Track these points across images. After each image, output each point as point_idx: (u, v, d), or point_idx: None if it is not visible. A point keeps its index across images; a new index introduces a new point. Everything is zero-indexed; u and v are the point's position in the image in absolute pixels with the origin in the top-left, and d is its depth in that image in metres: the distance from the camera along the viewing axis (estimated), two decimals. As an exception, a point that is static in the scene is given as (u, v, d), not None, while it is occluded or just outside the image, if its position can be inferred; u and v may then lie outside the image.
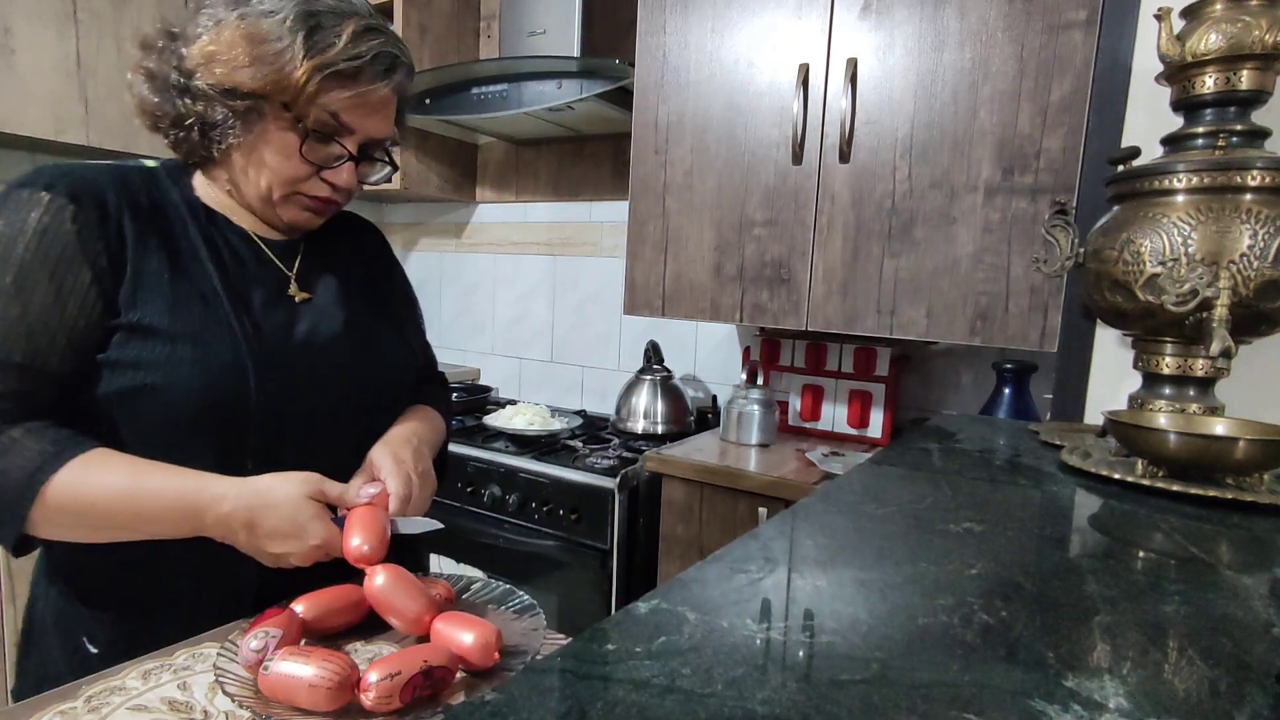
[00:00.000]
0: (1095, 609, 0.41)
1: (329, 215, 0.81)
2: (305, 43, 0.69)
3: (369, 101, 0.74)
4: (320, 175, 0.75)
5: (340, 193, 0.78)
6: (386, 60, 0.73)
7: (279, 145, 0.72)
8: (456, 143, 2.46)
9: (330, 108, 0.72)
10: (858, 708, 0.30)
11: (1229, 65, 0.72)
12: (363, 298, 0.85)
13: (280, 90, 0.70)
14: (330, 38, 0.70)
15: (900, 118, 1.44)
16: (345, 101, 0.72)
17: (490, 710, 0.29)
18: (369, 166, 0.80)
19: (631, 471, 1.65)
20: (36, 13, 1.66)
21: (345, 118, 0.73)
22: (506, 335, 2.58)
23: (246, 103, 0.70)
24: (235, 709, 0.54)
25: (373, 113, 0.75)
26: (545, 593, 1.69)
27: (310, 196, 0.76)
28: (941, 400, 1.83)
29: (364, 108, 0.74)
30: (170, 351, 0.67)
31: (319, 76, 0.69)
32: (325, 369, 0.77)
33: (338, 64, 0.70)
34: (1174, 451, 0.65)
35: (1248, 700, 0.32)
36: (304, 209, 0.78)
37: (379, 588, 0.62)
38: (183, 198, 0.75)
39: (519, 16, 2.04)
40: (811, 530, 0.54)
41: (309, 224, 0.80)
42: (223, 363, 0.69)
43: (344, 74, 0.71)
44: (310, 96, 0.70)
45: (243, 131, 0.72)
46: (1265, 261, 0.67)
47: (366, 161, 0.79)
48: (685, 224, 1.72)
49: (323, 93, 0.71)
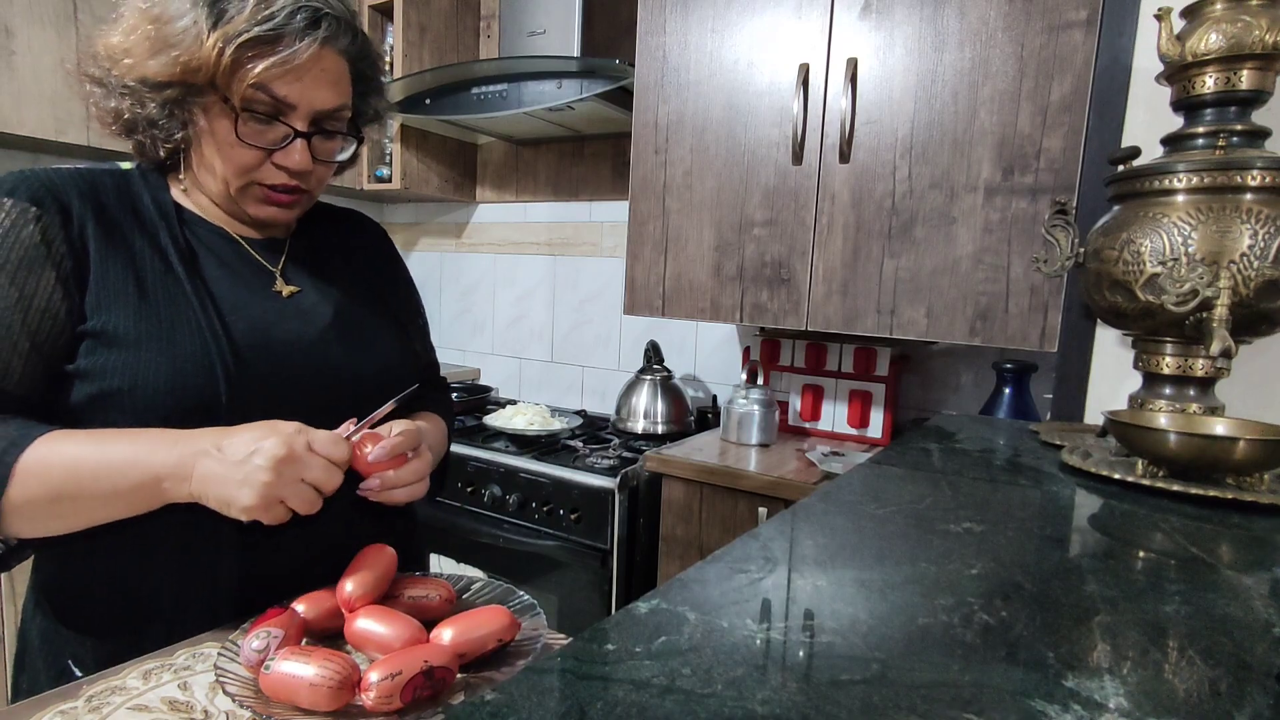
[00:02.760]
0: (1095, 609, 0.41)
1: (301, 206, 0.77)
2: (210, 13, 0.63)
3: (299, 66, 0.66)
4: (271, 160, 0.70)
5: (300, 177, 0.72)
6: (307, 15, 0.66)
7: (218, 133, 0.68)
8: (456, 143, 2.46)
9: (255, 81, 0.65)
10: (858, 708, 0.30)
11: (1229, 65, 0.72)
12: (356, 292, 0.82)
13: (194, 72, 0.64)
14: (235, 3, 0.64)
15: (900, 118, 1.44)
16: (269, 72, 0.65)
17: (490, 710, 0.29)
18: (328, 142, 0.74)
19: (631, 471, 1.65)
20: (36, 13, 1.66)
21: (279, 91, 0.67)
22: (506, 335, 2.58)
23: (169, 92, 0.66)
24: (236, 709, 0.54)
25: (311, 80, 0.68)
26: (545, 593, 1.69)
27: (269, 186, 0.72)
28: (941, 400, 1.83)
29: (294, 74, 0.67)
30: (135, 356, 0.65)
31: (231, 48, 0.63)
32: (309, 367, 0.73)
33: (249, 30, 0.63)
34: (1174, 451, 0.65)
35: (1248, 700, 0.32)
36: (267, 201, 0.73)
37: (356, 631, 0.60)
38: (154, 200, 0.72)
39: (519, 16, 2.04)
40: (811, 530, 0.54)
41: (280, 218, 0.76)
42: (190, 364, 0.66)
43: (260, 40, 0.64)
44: (229, 72, 0.64)
45: (183, 125, 0.68)
46: (1265, 261, 0.67)
47: (322, 137, 0.72)
48: (685, 224, 1.72)
49: (241, 66, 0.64)
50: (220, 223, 0.76)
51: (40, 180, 0.67)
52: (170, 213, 0.73)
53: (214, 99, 0.67)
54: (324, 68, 0.69)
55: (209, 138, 0.69)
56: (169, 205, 0.73)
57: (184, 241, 0.72)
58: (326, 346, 0.75)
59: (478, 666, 0.61)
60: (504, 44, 2.08)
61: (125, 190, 0.72)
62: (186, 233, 0.73)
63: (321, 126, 0.72)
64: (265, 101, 0.67)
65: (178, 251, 0.71)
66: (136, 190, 0.73)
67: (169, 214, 0.72)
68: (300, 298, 0.77)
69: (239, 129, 0.67)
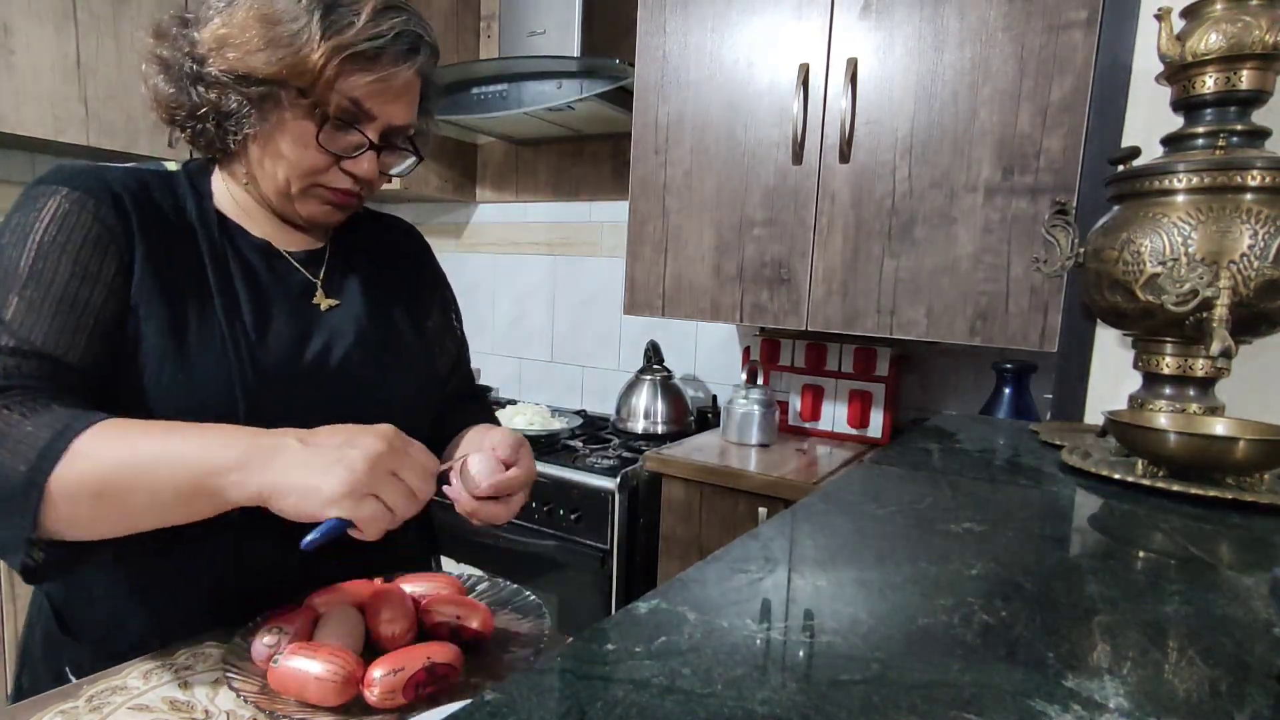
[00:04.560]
0: (1095, 609, 0.41)
1: (351, 210, 0.78)
2: (322, 22, 0.65)
3: (391, 86, 0.70)
4: (340, 165, 0.71)
5: (362, 184, 0.74)
6: (409, 40, 0.69)
7: (296, 134, 0.69)
8: (456, 143, 2.46)
9: (350, 93, 0.68)
10: (858, 708, 0.30)
11: (1229, 65, 0.72)
12: (390, 305, 0.81)
13: (296, 75, 0.66)
14: (348, 16, 0.66)
15: (900, 118, 1.44)
16: (366, 86, 0.68)
17: (490, 710, 0.29)
18: (392, 156, 0.76)
19: (631, 471, 1.65)
20: (36, 12, 1.66)
21: (366, 104, 0.69)
22: (506, 335, 2.58)
23: (262, 89, 0.67)
24: (236, 708, 0.54)
25: (395, 98, 0.71)
26: (545, 593, 1.69)
27: (330, 189, 0.73)
28: (941, 400, 1.82)
29: (386, 93, 0.70)
30: (157, 368, 0.65)
31: (337, 59, 0.65)
32: (338, 384, 0.73)
33: (357, 45, 0.66)
34: (1174, 451, 0.65)
35: (1248, 700, 0.32)
36: (324, 202, 0.74)
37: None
38: (198, 208, 0.72)
39: (519, 16, 2.04)
40: (811, 530, 0.54)
41: (329, 219, 0.76)
42: (209, 383, 0.66)
43: (364, 55, 0.67)
44: (329, 81, 0.66)
45: (259, 120, 0.68)
46: (1265, 261, 0.67)
47: (389, 150, 0.75)
48: (685, 224, 1.72)
49: (342, 77, 0.67)
50: (263, 233, 0.75)
51: (95, 174, 0.67)
52: (212, 222, 0.72)
53: (298, 100, 0.67)
54: (408, 88, 0.72)
55: (283, 135, 0.69)
56: (212, 214, 0.73)
57: (222, 254, 0.71)
58: (354, 364, 0.75)
59: (478, 666, 0.61)
60: (504, 44, 2.08)
61: (170, 193, 0.71)
62: (226, 245, 0.72)
63: (389, 140, 0.74)
64: (351, 111, 0.69)
65: (214, 266, 0.70)
66: (181, 195, 0.72)
67: (210, 223, 0.72)
68: (336, 311, 0.76)
69: (320, 135, 0.69)
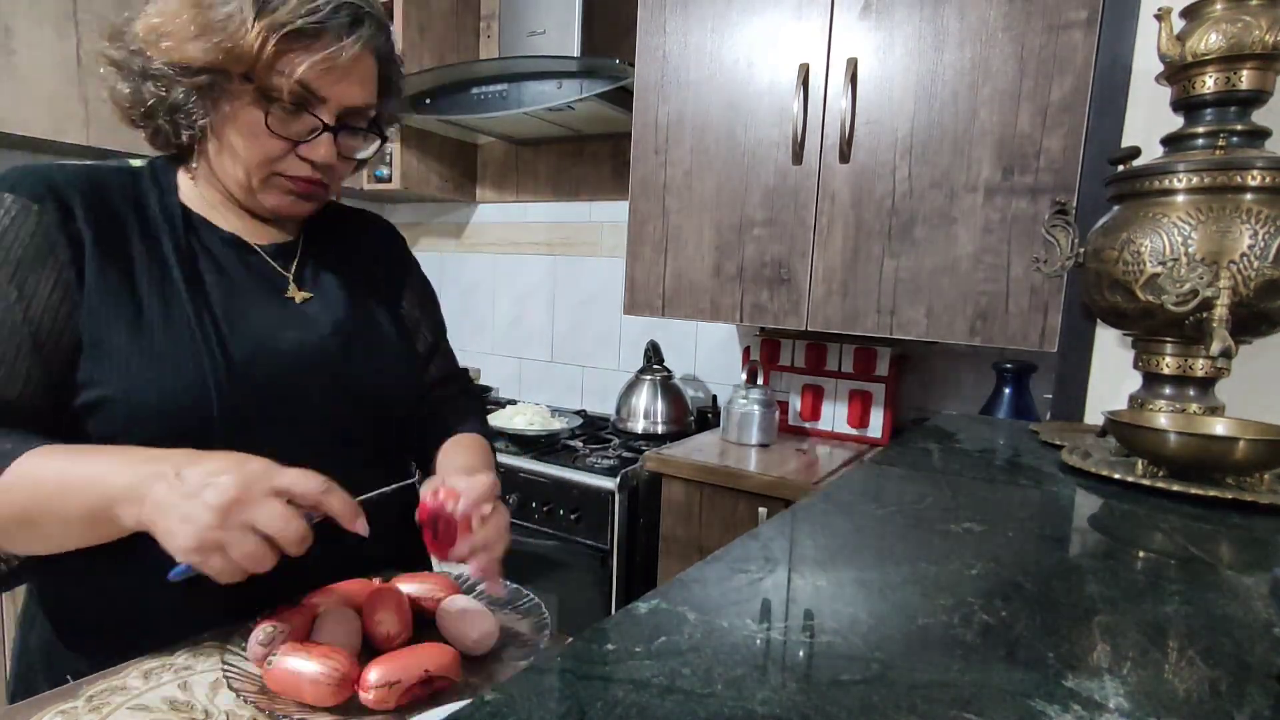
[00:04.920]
0: (1095, 609, 0.41)
1: (317, 200, 0.75)
2: (254, 2, 0.63)
3: (337, 64, 0.67)
4: (296, 152, 0.69)
5: (322, 170, 0.72)
6: (349, 12, 0.67)
7: (246, 123, 0.67)
8: (456, 143, 2.46)
9: (295, 75, 0.65)
10: (858, 708, 0.30)
11: (1229, 65, 0.72)
12: (365, 297, 0.80)
13: (235, 60, 0.64)
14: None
15: (900, 118, 1.44)
16: (310, 66, 0.65)
17: (490, 710, 0.29)
18: (352, 139, 0.74)
19: (631, 471, 1.65)
20: (36, 13, 1.66)
21: (314, 84, 0.67)
22: (506, 335, 2.58)
23: (204, 78, 0.65)
24: (236, 709, 0.54)
25: (344, 77, 0.68)
26: (545, 593, 1.69)
27: (290, 177, 0.71)
28: (941, 400, 1.82)
29: (333, 71, 0.67)
30: (125, 368, 0.63)
31: (274, 38, 0.63)
32: (310, 378, 0.72)
33: (293, 22, 0.63)
34: (1174, 451, 0.65)
35: (1248, 700, 0.32)
36: (286, 192, 0.72)
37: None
38: (161, 203, 0.71)
39: (519, 16, 2.04)
40: (811, 530, 0.54)
41: (295, 210, 0.74)
42: (181, 379, 0.64)
43: (303, 33, 0.64)
44: (269, 63, 0.64)
45: (209, 111, 0.67)
46: (1265, 261, 0.67)
47: (347, 133, 0.72)
48: (685, 224, 1.72)
49: (282, 57, 0.65)
50: (232, 227, 0.74)
51: (42, 177, 0.66)
52: (177, 217, 0.71)
53: (244, 87, 0.66)
54: (359, 66, 0.70)
55: (234, 125, 0.68)
56: (176, 209, 0.71)
57: (188, 249, 0.70)
58: (329, 355, 0.74)
59: (478, 666, 0.61)
60: (504, 44, 2.08)
61: (132, 190, 0.70)
62: (193, 239, 0.71)
63: (347, 123, 0.72)
64: (298, 94, 0.67)
65: (179, 259, 0.69)
66: (144, 191, 0.71)
67: (175, 218, 0.71)
68: (310, 304, 0.76)
69: (269, 119, 0.67)
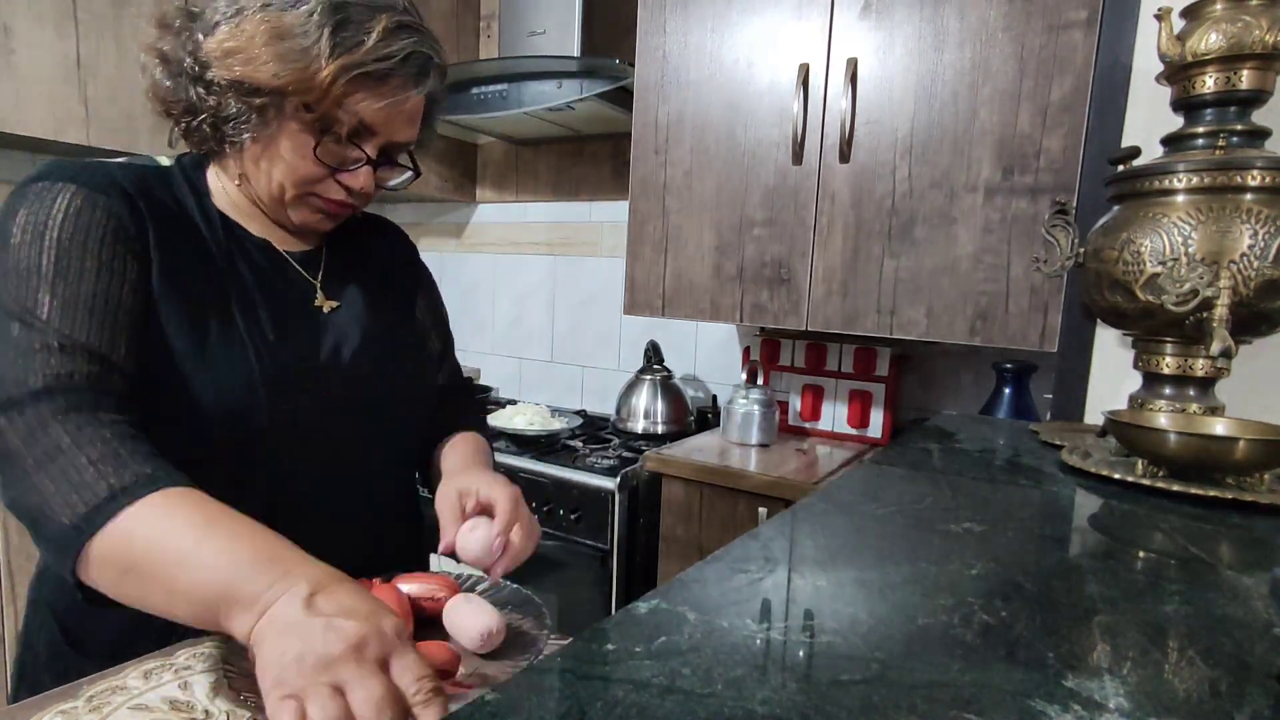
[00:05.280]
0: (1095, 609, 0.41)
1: (342, 219, 0.77)
2: (332, 39, 0.63)
3: (401, 109, 0.69)
4: (335, 177, 0.70)
5: (356, 196, 0.73)
6: (419, 62, 0.68)
7: (295, 144, 0.68)
8: (456, 143, 2.46)
9: (356, 112, 0.67)
10: (858, 708, 0.30)
11: (1229, 65, 0.72)
12: (385, 304, 0.81)
13: (302, 90, 0.64)
14: (359, 34, 0.64)
15: (900, 118, 1.44)
16: (375, 110, 0.67)
17: (490, 710, 0.29)
18: (389, 171, 0.76)
19: (631, 471, 1.65)
20: (36, 13, 1.66)
21: (371, 123, 0.68)
22: (506, 335, 2.58)
23: (265, 100, 0.65)
24: (236, 708, 0.54)
25: (401, 119, 0.70)
26: (545, 593, 1.69)
27: (324, 199, 0.72)
28: (941, 400, 1.82)
29: (393, 114, 0.69)
30: (184, 373, 0.63)
31: (345, 78, 0.64)
32: (348, 385, 0.73)
33: (366, 65, 0.64)
34: (1174, 451, 0.65)
35: (1248, 700, 0.32)
36: (316, 210, 0.73)
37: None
38: (199, 205, 0.71)
39: (519, 16, 2.04)
40: (811, 530, 0.54)
41: (320, 226, 0.76)
42: (233, 385, 0.65)
43: (372, 76, 0.65)
44: (335, 99, 0.65)
45: (259, 126, 0.67)
46: (1265, 261, 0.67)
47: (386, 166, 0.74)
48: (685, 224, 1.72)
49: (349, 95, 0.65)
50: (262, 232, 0.74)
51: (97, 170, 0.65)
52: (215, 220, 0.71)
53: (300, 113, 0.66)
54: (416, 110, 0.71)
55: (280, 144, 0.68)
56: (214, 212, 0.71)
57: (229, 252, 0.70)
58: (363, 364, 0.75)
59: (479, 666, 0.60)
60: (504, 44, 2.08)
61: (169, 189, 0.70)
62: (232, 245, 0.71)
63: (390, 155, 0.73)
64: (354, 129, 0.68)
65: (224, 262, 0.69)
66: (179, 191, 0.71)
67: (214, 221, 0.71)
68: (338, 313, 0.76)
69: (318, 148, 0.67)
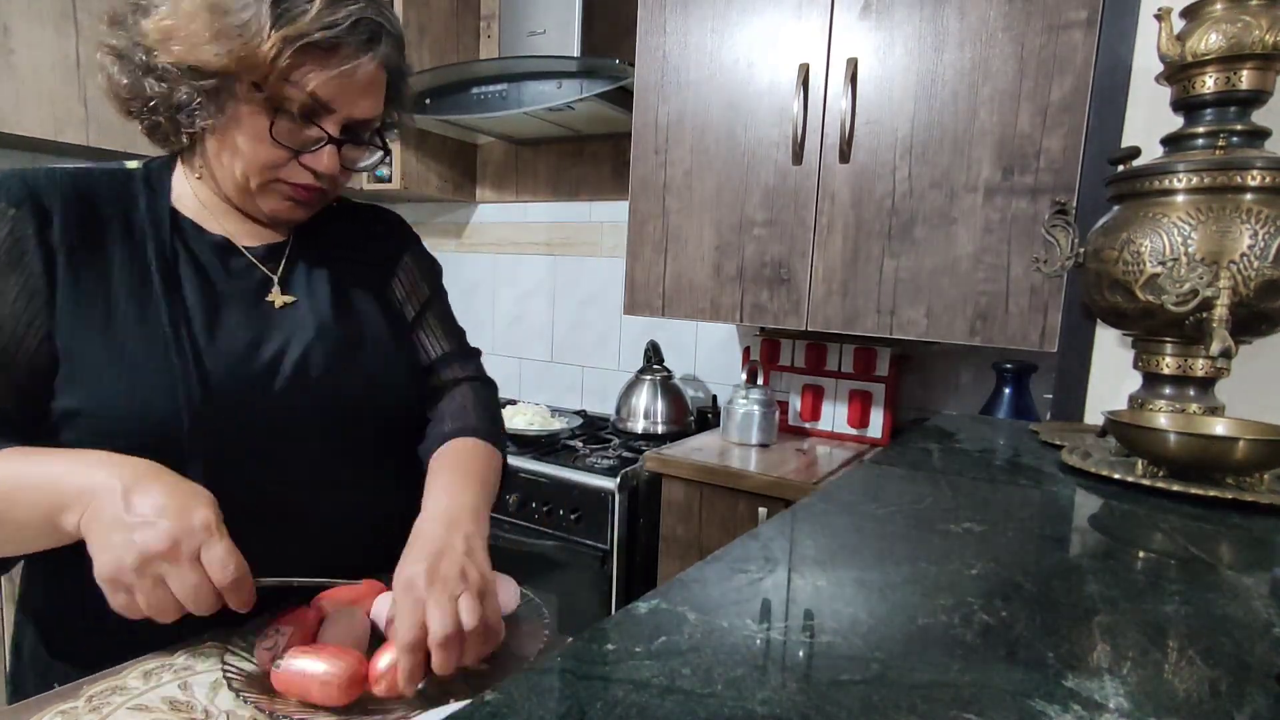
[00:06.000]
0: (1095, 609, 0.41)
1: (316, 206, 0.74)
2: (272, 11, 0.61)
3: (352, 79, 0.66)
4: (299, 160, 0.68)
5: (324, 179, 0.70)
6: (368, 29, 0.65)
7: (250, 128, 0.65)
8: (456, 143, 2.46)
9: (307, 86, 0.64)
10: (858, 708, 0.30)
11: (1229, 65, 0.72)
12: (362, 293, 0.78)
13: (248, 68, 0.62)
14: (301, 4, 0.62)
15: (900, 118, 1.44)
16: (324, 81, 0.64)
17: (490, 710, 0.29)
18: (355, 150, 0.73)
19: (631, 471, 1.65)
20: (36, 12, 1.66)
21: (325, 97, 0.65)
22: (506, 335, 2.58)
23: (213, 82, 0.63)
24: (236, 709, 0.54)
25: (357, 92, 0.67)
26: (545, 593, 1.69)
27: (291, 184, 0.69)
28: (941, 400, 1.82)
29: (346, 87, 0.66)
30: (96, 377, 0.62)
31: (290, 50, 0.62)
32: (294, 388, 0.70)
33: (311, 35, 0.62)
34: (1174, 451, 0.65)
35: (1248, 700, 0.32)
36: (285, 198, 0.71)
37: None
38: (151, 206, 0.69)
39: (519, 16, 2.04)
40: (811, 530, 0.54)
41: (292, 215, 0.73)
42: (151, 390, 0.63)
43: (319, 46, 0.63)
44: (282, 73, 0.63)
45: (213, 113, 0.65)
46: (1265, 261, 0.67)
47: (352, 145, 0.71)
48: (685, 224, 1.72)
49: (296, 69, 0.63)
50: (223, 230, 0.72)
51: (25, 181, 0.64)
52: (163, 221, 0.69)
53: (252, 93, 0.64)
54: (371, 81, 0.69)
55: (236, 129, 0.66)
56: (164, 213, 0.70)
57: (172, 253, 0.69)
58: (312, 363, 0.72)
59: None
60: (504, 44, 2.08)
61: (123, 194, 0.69)
62: (177, 243, 0.69)
63: (354, 134, 0.71)
64: (307, 106, 0.66)
65: (161, 265, 0.67)
66: (134, 194, 0.70)
67: (162, 223, 0.69)
68: (295, 308, 0.73)
69: (274, 128, 0.65)
